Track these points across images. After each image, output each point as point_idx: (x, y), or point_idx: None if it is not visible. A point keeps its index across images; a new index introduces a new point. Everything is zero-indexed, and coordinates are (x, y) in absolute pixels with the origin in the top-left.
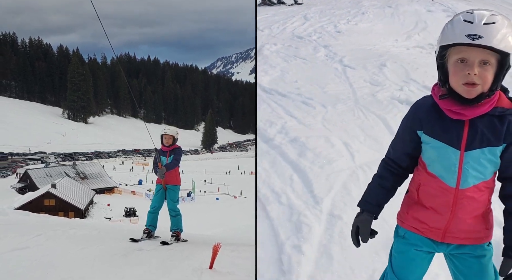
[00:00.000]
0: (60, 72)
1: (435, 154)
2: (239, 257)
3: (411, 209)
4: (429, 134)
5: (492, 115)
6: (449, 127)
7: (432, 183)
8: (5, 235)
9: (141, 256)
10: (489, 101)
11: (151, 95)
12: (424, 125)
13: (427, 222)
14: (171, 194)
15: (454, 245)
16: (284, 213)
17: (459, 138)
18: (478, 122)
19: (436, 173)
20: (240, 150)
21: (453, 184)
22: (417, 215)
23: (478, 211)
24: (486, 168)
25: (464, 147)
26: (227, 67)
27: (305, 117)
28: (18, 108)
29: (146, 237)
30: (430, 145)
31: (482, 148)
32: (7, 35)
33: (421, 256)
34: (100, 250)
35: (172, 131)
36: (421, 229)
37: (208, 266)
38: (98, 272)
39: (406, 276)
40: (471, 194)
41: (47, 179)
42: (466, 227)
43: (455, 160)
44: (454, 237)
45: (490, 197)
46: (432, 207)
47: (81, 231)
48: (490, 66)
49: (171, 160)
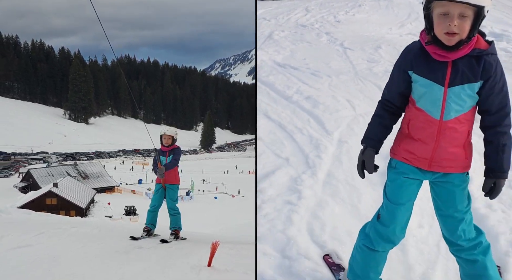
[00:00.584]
0: (61, 74)
1: (423, 91)
2: (237, 255)
3: (402, 142)
4: (418, 74)
5: (471, 56)
6: (435, 68)
7: (420, 117)
8: (8, 233)
9: (141, 254)
10: (468, 45)
11: (150, 96)
12: (414, 66)
13: (416, 152)
14: (171, 193)
15: (438, 174)
16: (306, 139)
17: (444, 76)
18: (459, 63)
19: (423, 108)
20: (238, 150)
21: (438, 116)
22: (407, 147)
23: (459, 141)
24: (465, 102)
25: (448, 84)
26: (225, 69)
27: (315, 84)
28: (20, 109)
29: (146, 235)
30: (419, 83)
31: (462, 84)
32: (10, 37)
33: (409, 182)
34: (101, 248)
35: (171, 131)
36: (410, 159)
37: (206, 264)
38: (99, 269)
39: (396, 199)
40: (452, 125)
41: (49, 178)
42: (449, 156)
43: (440, 95)
44: (439, 166)
45: (469, 129)
46: (420, 139)
47: (82, 229)
48: (467, 18)
49: (170, 159)
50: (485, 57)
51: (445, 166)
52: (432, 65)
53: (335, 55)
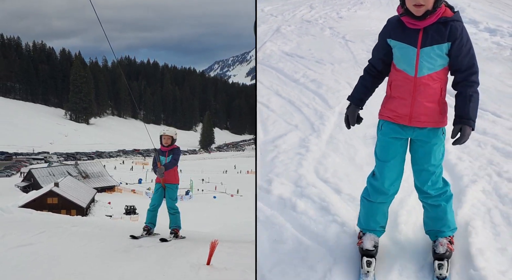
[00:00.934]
0: (62, 75)
1: (400, 53)
2: (236, 253)
3: (386, 103)
4: (396, 39)
5: (439, 23)
6: (409, 34)
7: (399, 76)
8: (10, 232)
9: (141, 252)
10: (435, 15)
11: (150, 97)
12: (392, 34)
13: (397, 110)
14: (170, 192)
15: (417, 131)
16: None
17: (416, 40)
18: (429, 29)
19: (401, 68)
20: (237, 150)
21: (412, 73)
22: (389, 106)
23: (434, 98)
24: (436, 60)
25: (420, 45)
26: (224, 70)
27: (319, 70)
28: (22, 110)
29: (145, 234)
30: (396, 47)
31: (432, 45)
32: (11, 39)
33: (394, 142)
34: (102, 247)
35: (170, 132)
36: (393, 116)
37: (205, 262)
38: (100, 268)
39: (384, 157)
40: (426, 81)
41: (50, 178)
42: (425, 111)
43: (413, 55)
44: (418, 121)
45: (442, 87)
46: (399, 96)
47: (83, 228)
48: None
49: (170, 159)
50: (450, 23)
51: (423, 121)
52: (407, 32)
53: (337, 47)
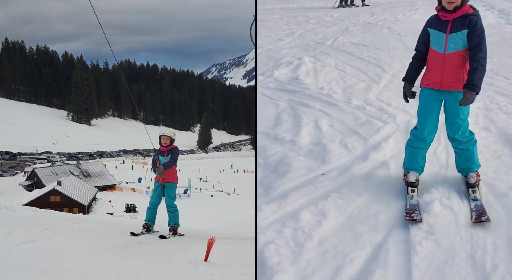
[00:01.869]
0: (65, 77)
1: (434, 37)
2: (233, 250)
3: (425, 74)
4: (432, 28)
5: (462, 17)
6: (441, 24)
7: (433, 53)
8: (14, 229)
9: (140, 249)
10: (461, 10)
11: (150, 98)
12: (431, 24)
13: (431, 78)
14: (169, 191)
15: (447, 94)
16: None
17: (446, 28)
18: (455, 21)
19: (434, 48)
20: (233, 150)
21: (442, 50)
22: (426, 76)
23: (457, 69)
24: (459, 42)
25: (448, 32)
26: (221, 73)
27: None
28: (25, 111)
29: (145, 231)
30: (432, 34)
31: (456, 32)
32: (16, 43)
33: (432, 102)
34: (103, 243)
35: (169, 132)
36: (429, 83)
37: (203, 258)
38: (101, 263)
39: (423, 112)
40: (451, 56)
41: (53, 177)
42: (451, 79)
43: (443, 38)
44: (446, 86)
45: (464, 62)
46: (433, 68)
47: (84, 226)
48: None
49: (168, 159)
50: (470, 16)
51: (450, 86)
52: (440, 23)
53: (393, 40)
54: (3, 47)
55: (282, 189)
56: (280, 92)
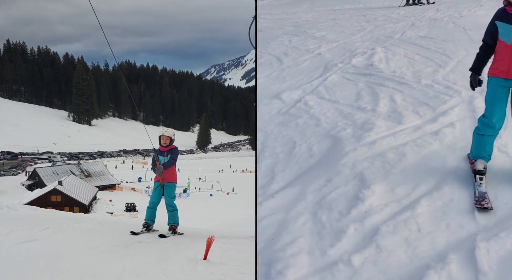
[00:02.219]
0: (66, 78)
1: (502, 29)
2: (232, 249)
3: (493, 64)
4: (500, 21)
5: None
6: (509, 17)
7: (501, 44)
8: (16, 228)
9: (140, 248)
10: None
11: (150, 99)
12: (499, 17)
13: (499, 67)
14: (168, 190)
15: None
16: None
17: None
18: None
19: (503, 39)
20: (232, 150)
21: (510, 42)
22: (494, 65)
23: None
24: None
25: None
26: (220, 74)
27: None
28: (27, 112)
29: (145, 230)
30: (500, 27)
31: None
32: (17, 44)
33: (498, 89)
34: (103, 242)
35: (169, 132)
36: (496, 73)
37: (202, 257)
38: (101, 262)
39: (491, 100)
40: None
41: (54, 177)
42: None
43: (511, 30)
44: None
45: None
46: (501, 58)
47: (85, 225)
48: None
49: (168, 159)
50: None
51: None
52: (508, 15)
53: (457, 33)
54: (4, 49)
55: (369, 139)
56: (358, 76)
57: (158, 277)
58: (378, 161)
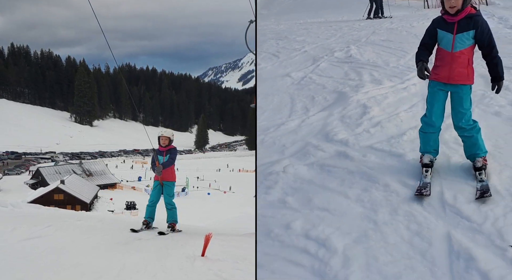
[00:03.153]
0: (68, 81)
1: (442, 37)
2: (229, 245)
3: (433, 69)
4: (440, 29)
5: (466, 17)
6: (448, 25)
7: (441, 52)
8: (19, 226)
9: (140, 245)
10: (463, 12)
11: (149, 101)
12: (438, 25)
13: (440, 73)
14: (167, 189)
15: (453, 87)
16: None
17: (453, 29)
18: (460, 22)
19: (443, 46)
20: (229, 150)
21: (450, 49)
22: (435, 70)
23: (463, 65)
24: (464, 42)
25: (455, 33)
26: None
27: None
28: (30, 113)
29: (145, 228)
30: (440, 34)
31: (462, 32)
32: (21, 47)
33: (438, 92)
34: (104, 239)
35: (168, 133)
36: (437, 77)
37: (200, 254)
38: (102, 258)
39: (431, 101)
40: (458, 54)
41: (56, 176)
42: (457, 73)
43: (451, 38)
44: (453, 80)
45: (469, 58)
46: (442, 64)
47: (87, 222)
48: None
49: (167, 159)
50: (474, 17)
51: (456, 80)
52: (446, 24)
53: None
54: (9, 52)
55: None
56: (342, 63)
57: (157, 273)
58: (372, 99)
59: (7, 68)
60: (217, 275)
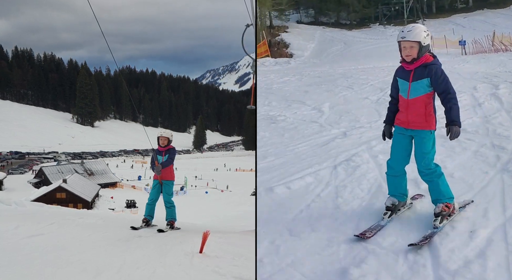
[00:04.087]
0: (70, 83)
1: (400, 85)
2: (226, 243)
3: (397, 115)
4: (399, 77)
5: (422, 66)
6: (405, 74)
7: (401, 99)
8: (23, 224)
9: (140, 242)
10: (419, 61)
11: (149, 102)
12: (398, 74)
13: (400, 118)
14: (166, 188)
15: (414, 132)
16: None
17: (409, 77)
18: (416, 70)
19: (401, 94)
20: (226, 150)
21: (406, 96)
22: (398, 116)
23: (420, 111)
24: (420, 89)
25: (411, 80)
26: (215, 78)
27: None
28: (34, 114)
29: (144, 226)
30: (399, 81)
31: (418, 80)
32: (25, 51)
33: (400, 137)
34: (105, 236)
35: (167, 133)
36: (398, 122)
37: (198, 251)
38: (103, 255)
39: (394, 146)
40: (413, 101)
41: (59, 175)
42: (415, 119)
43: (407, 86)
44: (412, 125)
45: (426, 105)
46: (402, 111)
47: (88, 220)
48: (414, 47)
49: (166, 158)
50: (429, 66)
51: (415, 126)
52: (405, 72)
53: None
54: (13, 55)
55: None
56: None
57: (156, 269)
58: None
59: (11, 70)
60: (215, 271)
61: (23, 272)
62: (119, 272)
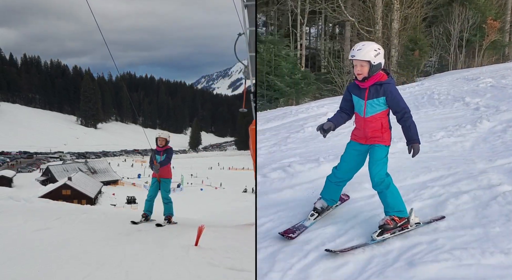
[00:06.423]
0: (74, 87)
1: (355, 102)
2: (220, 236)
3: (352, 131)
4: (354, 94)
5: (376, 84)
6: (360, 91)
7: (357, 116)
8: (31, 219)
9: (140, 235)
10: (372, 79)
11: (148, 105)
12: (353, 91)
13: (357, 134)
14: (164, 185)
15: (370, 146)
16: None
17: (363, 95)
18: (371, 88)
19: (356, 111)
20: (220, 150)
21: (362, 114)
22: (354, 132)
23: (376, 129)
24: (375, 107)
25: (366, 98)
26: (209, 83)
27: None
28: (41, 117)
29: (144, 220)
30: (354, 99)
31: (373, 99)
32: (33, 58)
33: (353, 152)
34: (107, 231)
35: (165, 135)
36: (355, 138)
37: (194, 244)
38: (106, 248)
39: (343, 158)
40: (370, 119)
41: (64, 173)
42: (372, 135)
43: (362, 104)
44: (368, 140)
45: (382, 122)
46: (357, 127)
47: (91, 216)
48: (365, 66)
49: (164, 158)
50: (383, 84)
51: (372, 141)
52: (359, 90)
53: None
54: (21, 62)
55: None
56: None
57: (155, 261)
58: None
59: (20, 76)
60: (209, 263)
61: (31, 264)
62: (120, 265)
